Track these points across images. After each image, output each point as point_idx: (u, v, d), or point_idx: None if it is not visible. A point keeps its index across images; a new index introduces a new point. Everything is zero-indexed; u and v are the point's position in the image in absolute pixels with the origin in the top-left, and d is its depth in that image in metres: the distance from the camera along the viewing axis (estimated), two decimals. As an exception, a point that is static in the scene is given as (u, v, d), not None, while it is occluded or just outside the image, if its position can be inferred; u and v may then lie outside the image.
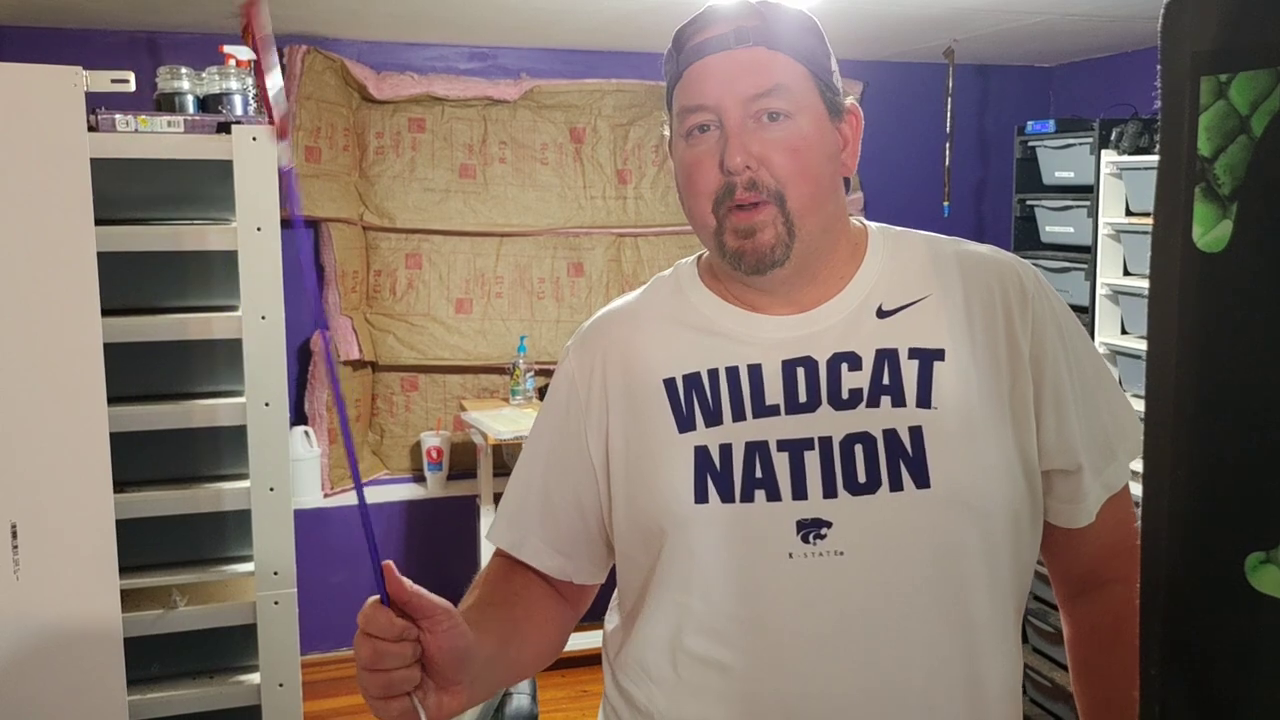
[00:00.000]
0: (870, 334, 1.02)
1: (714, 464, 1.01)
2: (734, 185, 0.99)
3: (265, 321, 2.14)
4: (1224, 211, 0.79)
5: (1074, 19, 3.23)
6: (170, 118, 2.12)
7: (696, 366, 1.04)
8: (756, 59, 1.00)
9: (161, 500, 2.17)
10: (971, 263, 1.06)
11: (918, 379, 1.00)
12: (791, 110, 1.00)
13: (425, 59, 3.74)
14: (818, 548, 0.97)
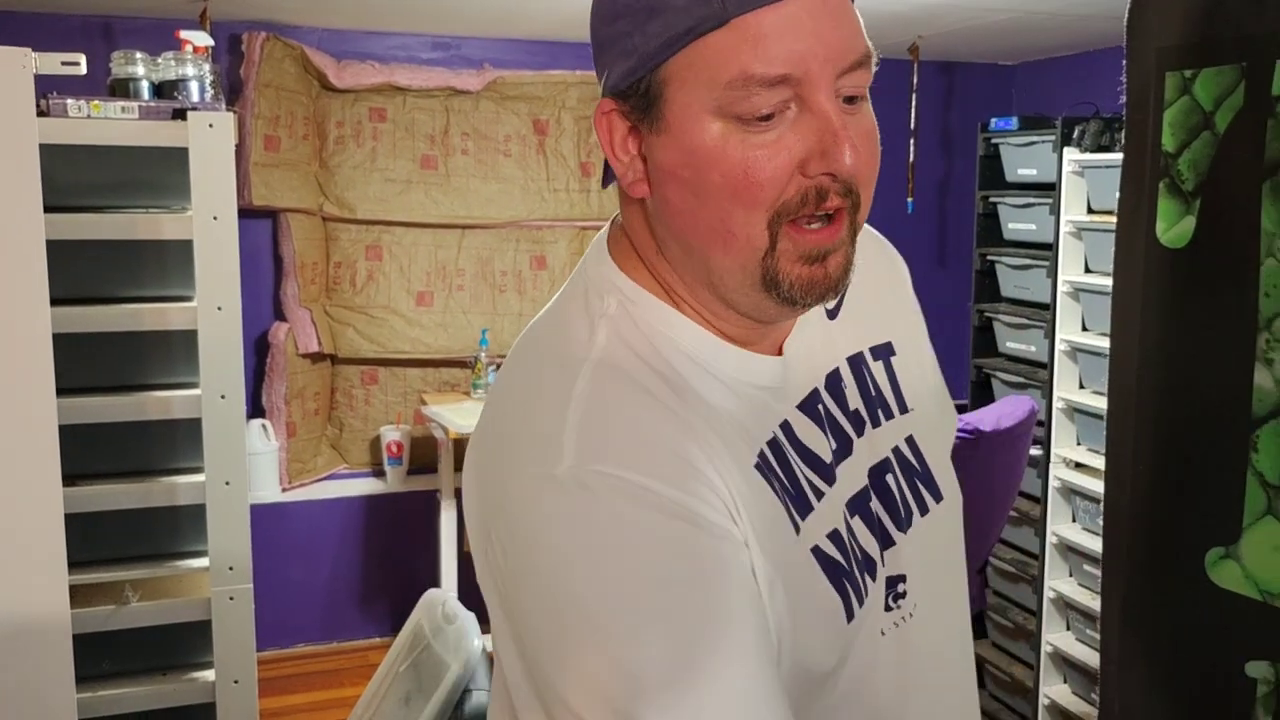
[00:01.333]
0: (834, 342, 0.87)
1: (834, 562, 0.79)
2: (826, 191, 0.73)
3: (221, 312, 2.10)
4: (1187, 207, 0.79)
5: (1039, 16, 3.25)
6: (125, 103, 2.08)
7: (760, 435, 0.78)
8: (846, 15, 0.73)
9: (114, 494, 2.13)
10: (867, 244, 0.86)
11: (888, 381, 0.89)
12: (865, 90, 0.76)
13: (387, 48, 3.69)
14: (897, 613, 0.83)
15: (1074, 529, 3.09)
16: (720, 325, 0.79)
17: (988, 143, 3.39)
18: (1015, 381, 3.33)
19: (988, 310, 3.45)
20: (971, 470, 2.65)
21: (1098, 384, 2.99)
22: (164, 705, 2.21)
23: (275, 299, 3.66)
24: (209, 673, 2.22)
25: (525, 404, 0.76)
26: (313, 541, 3.77)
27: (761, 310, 0.77)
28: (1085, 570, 3.04)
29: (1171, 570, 0.79)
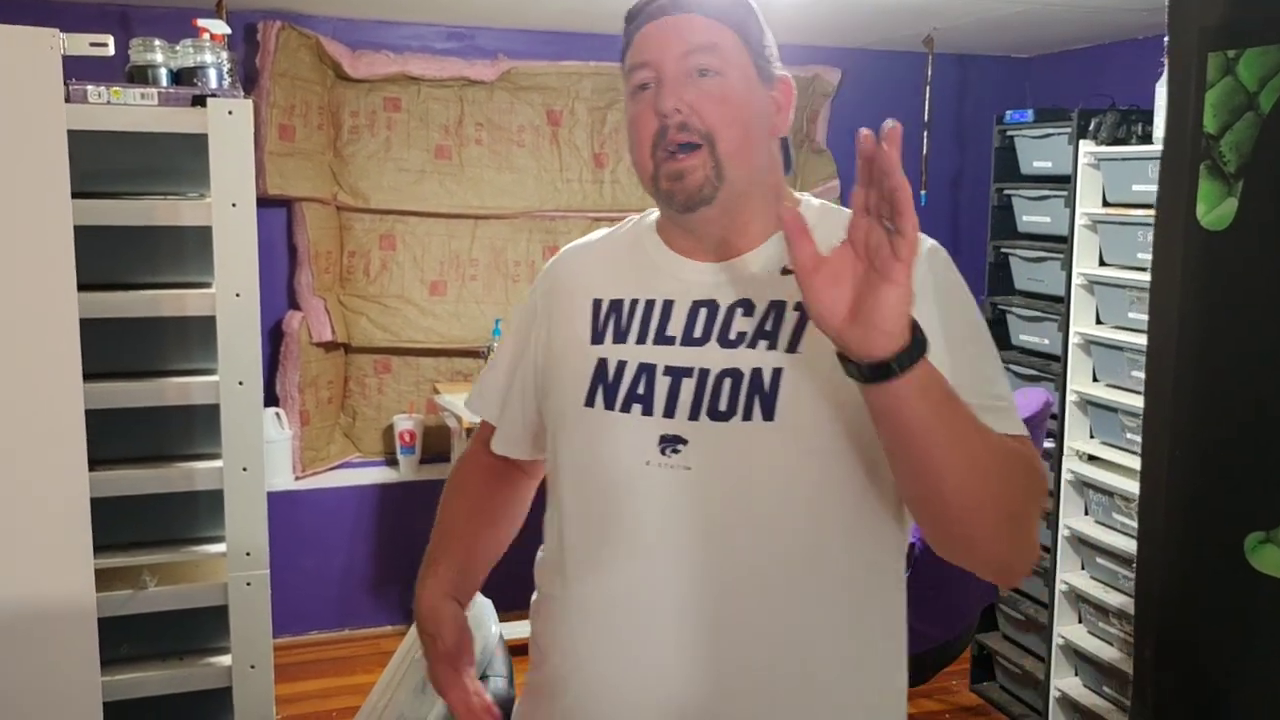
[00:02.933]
0: (770, 287, 1.14)
1: (608, 375, 1.16)
2: (667, 127, 1.11)
3: (240, 299, 2.11)
4: (1229, 189, 0.79)
5: (1054, 8, 3.24)
6: (144, 90, 2.08)
7: (622, 294, 1.20)
8: (691, 23, 1.14)
9: (132, 479, 2.13)
10: None
11: (794, 328, 1.11)
12: (721, 67, 1.13)
13: (401, 38, 3.69)
14: (671, 460, 1.11)
15: (1086, 522, 3.09)
16: (670, 235, 1.21)
17: (1003, 135, 3.38)
18: (1028, 374, 3.33)
19: (1001, 303, 3.44)
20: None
21: (1111, 377, 2.98)
22: (181, 689, 2.22)
23: (289, 288, 3.66)
24: (225, 658, 2.22)
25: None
26: (325, 529, 3.78)
27: (671, 216, 1.19)
28: (1098, 563, 3.04)
29: (1209, 554, 0.79)
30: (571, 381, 1.19)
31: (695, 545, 1.11)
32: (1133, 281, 2.84)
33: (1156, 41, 3.32)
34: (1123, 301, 2.91)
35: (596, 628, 1.15)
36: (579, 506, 1.18)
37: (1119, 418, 2.94)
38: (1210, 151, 0.74)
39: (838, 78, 4.08)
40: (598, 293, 1.22)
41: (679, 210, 1.15)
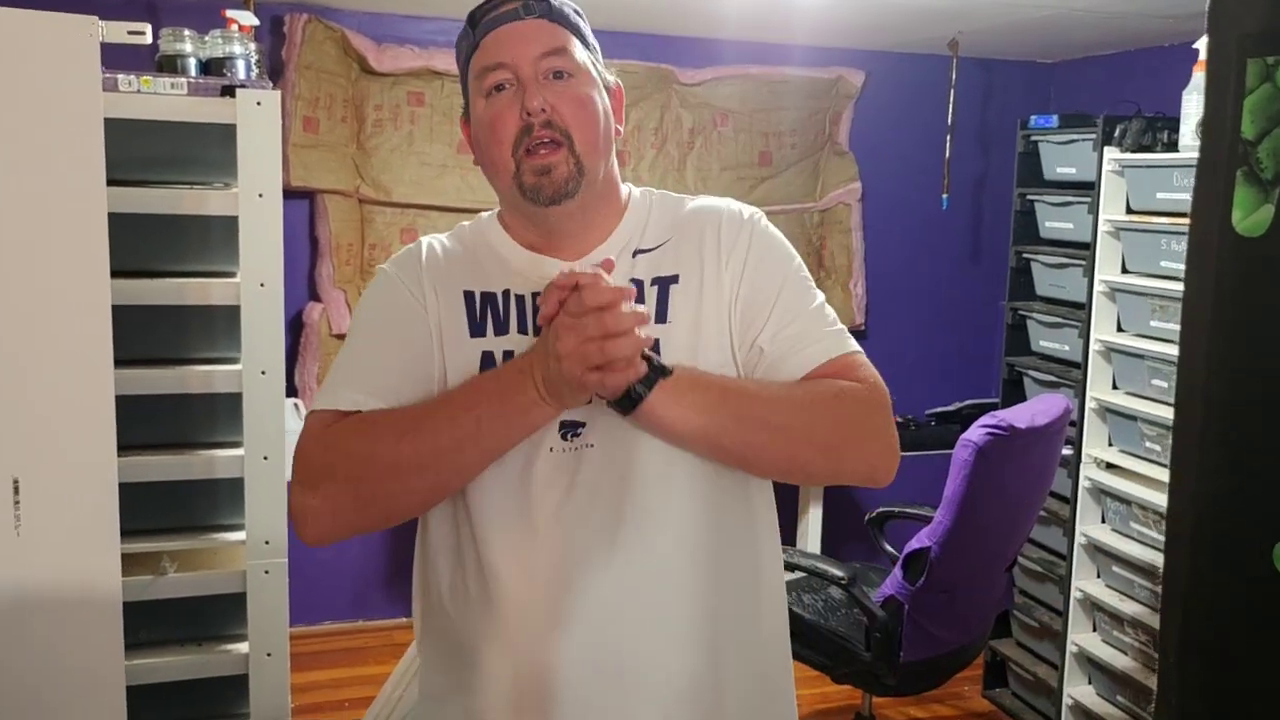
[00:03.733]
0: (627, 269, 1.23)
1: (494, 367, 1.20)
2: (532, 125, 1.17)
3: (264, 289, 2.12)
4: (1266, 196, 0.78)
5: (1080, 14, 3.23)
6: (174, 79, 2.09)
7: (492, 287, 1.24)
8: (542, 28, 1.21)
9: (155, 465, 2.15)
10: (702, 210, 1.29)
11: (658, 301, 1.22)
12: (573, 71, 1.22)
13: (426, 32, 3.71)
14: (573, 444, 1.18)
15: (1103, 530, 3.08)
16: (520, 235, 1.27)
17: (1027, 140, 3.37)
18: (1047, 380, 3.32)
19: (1022, 308, 3.43)
20: (1003, 467, 2.64)
21: (1131, 385, 2.97)
22: (198, 676, 2.23)
23: (310, 279, 3.68)
24: (242, 645, 2.24)
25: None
26: (341, 521, 3.79)
27: (529, 212, 1.23)
28: (1114, 571, 3.03)
29: (1237, 562, 0.79)
30: (457, 376, 1.21)
31: (607, 513, 1.17)
32: (1155, 289, 2.83)
33: (1182, 49, 3.31)
34: (1145, 309, 2.90)
35: (523, 612, 1.18)
36: (485, 498, 1.19)
37: (1138, 426, 2.93)
38: (1248, 158, 0.74)
39: (861, 80, 4.07)
40: (466, 284, 1.24)
41: (544, 204, 1.20)
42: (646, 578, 1.18)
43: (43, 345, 1.47)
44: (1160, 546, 2.86)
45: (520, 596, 1.18)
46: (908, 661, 2.65)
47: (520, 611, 1.18)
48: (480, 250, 1.29)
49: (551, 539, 1.17)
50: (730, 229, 1.26)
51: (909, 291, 4.26)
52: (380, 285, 1.29)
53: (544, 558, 1.18)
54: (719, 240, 1.25)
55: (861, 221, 4.17)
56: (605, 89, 1.26)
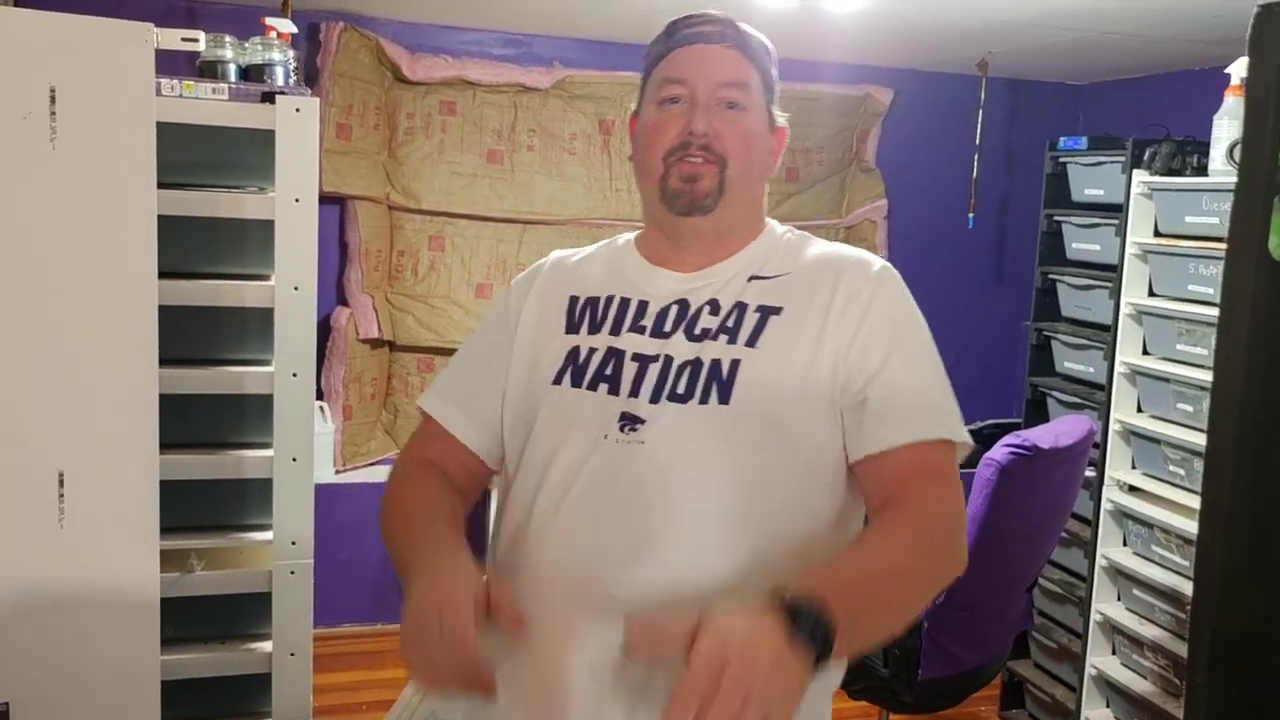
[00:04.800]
0: (737, 291, 1.26)
1: (579, 358, 1.25)
2: (690, 144, 1.24)
3: (298, 292, 2.15)
4: (1303, 223, 0.79)
5: (1111, 37, 3.23)
6: (215, 85, 2.13)
7: (598, 293, 1.30)
8: (732, 57, 1.27)
9: (186, 463, 2.18)
10: (830, 256, 1.30)
11: (754, 326, 1.23)
12: (747, 105, 1.26)
13: (460, 42, 3.74)
14: (628, 437, 1.19)
15: (1124, 553, 3.07)
16: (650, 250, 1.32)
17: (1055, 161, 3.38)
18: (1071, 401, 3.31)
19: (1047, 329, 3.43)
20: (1026, 487, 2.64)
21: (1156, 408, 2.97)
22: (222, 673, 2.26)
23: (339, 284, 3.72)
24: (266, 644, 2.26)
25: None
26: (364, 523, 3.82)
27: (664, 219, 1.29)
28: (1134, 595, 3.02)
29: (1267, 581, 0.80)
30: (543, 368, 1.27)
31: (650, 510, 1.17)
32: (1182, 313, 2.83)
33: (1213, 73, 3.31)
34: (1171, 333, 2.89)
35: (548, 594, 1.18)
36: (542, 479, 1.22)
37: (1162, 449, 2.92)
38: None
39: (890, 98, 4.09)
40: (575, 291, 1.32)
41: (680, 212, 1.26)
42: (667, 588, 1.16)
43: (92, 343, 1.50)
44: (1182, 571, 2.85)
45: (542, 586, 1.19)
46: (925, 679, 2.64)
47: (540, 601, 1.18)
48: (604, 262, 1.35)
49: (578, 532, 1.18)
50: (853, 279, 1.26)
51: (933, 310, 4.18)
52: (496, 299, 1.43)
53: (568, 550, 1.19)
54: (836, 288, 1.25)
55: (887, 239, 4.18)
56: (772, 129, 1.32)
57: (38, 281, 1.49)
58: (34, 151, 1.40)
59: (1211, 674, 0.85)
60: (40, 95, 1.37)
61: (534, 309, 1.33)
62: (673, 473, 1.18)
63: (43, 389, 1.50)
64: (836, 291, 1.25)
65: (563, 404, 1.24)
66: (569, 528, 1.19)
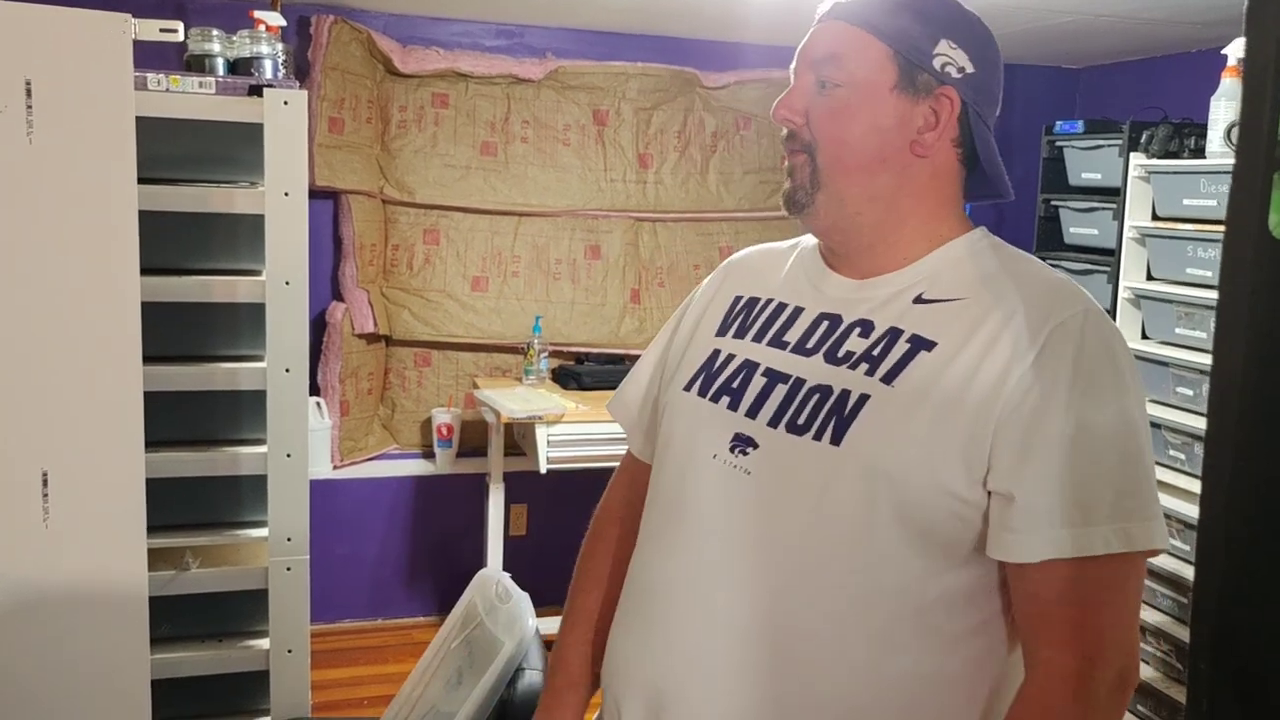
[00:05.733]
0: (896, 313, 1.10)
1: (714, 364, 1.18)
2: (785, 138, 1.15)
3: (289, 287, 2.13)
4: (1303, 200, 0.77)
5: (1106, 19, 3.21)
6: (202, 79, 2.11)
7: (760, 294, 1.22)
8: (832, 31, 1.12)
9: (179, 461, 2.17)
10: (1021, 283, 1.07)
11: (899, 359, 1.06)
12: (844, 81, 1.10)
13: (451, 34, 3.72)
14: (736, 460, 1.11)
15: (1126, 538, 3.06)
16: (825, 248, 1.19)
17: (1051, 145, 3.36)
18: (1071, 387, 3.30)
19: (1045, 315, 3.41)
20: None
21: (1156, 393, 2.95)
22: (219, 671, 2.25)
23: (334, 279, 3.70)
24: (263, 641, 2.25)
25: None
26: (361, 519, 3.81)
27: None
28: (1136, 580, 3.01)
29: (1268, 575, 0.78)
30: (685, 368, 1.21)
31: (738, 549, 1.09)
32: (1181, 296, 2.81)
33: (1210, 55, 3.28)
34: (1170, 316, 2.88)
35: (633, 607, 1.18)
36: (656, 488, 1.19)
37: (1162, 434, 2.91)
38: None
39: (885, 84, 4.06)
40: (742, 290, 1.24)
41: (787, 210, 1.17)
42: (734, 631, 1.08)
43: (73, 340, 1.48)
44: (1183, 556, 2.84)
45: (633, 603, 1.18)
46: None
47: (627, 619, 1.18)
48: (788, 259, 1.25)
49: (680, 551, 1.13)
50: (1031, 319, 1.02)
51: (931, 297, 4.24)
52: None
53: (665, 568, 1.14)
54: (1006, 327, 1.03)
55: (884, 226, 4.15)
56: (920, 97, 1.09)
57: (16, 278, 1.47)
58: (10, 146, 1.38)
59: (1213, 659, 0.83)
60: (16, 89, 1.35)
61: (704, 302, 1.28)
62: (772, 515, 1.08)
63: (24, 387, 1.48)
64: (1005, 331, 1.02)
65: (685, 412, 1.18)
66: (670, 547, 1.15)
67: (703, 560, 1.11)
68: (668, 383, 1.25)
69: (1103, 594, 1.00)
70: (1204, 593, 0.86)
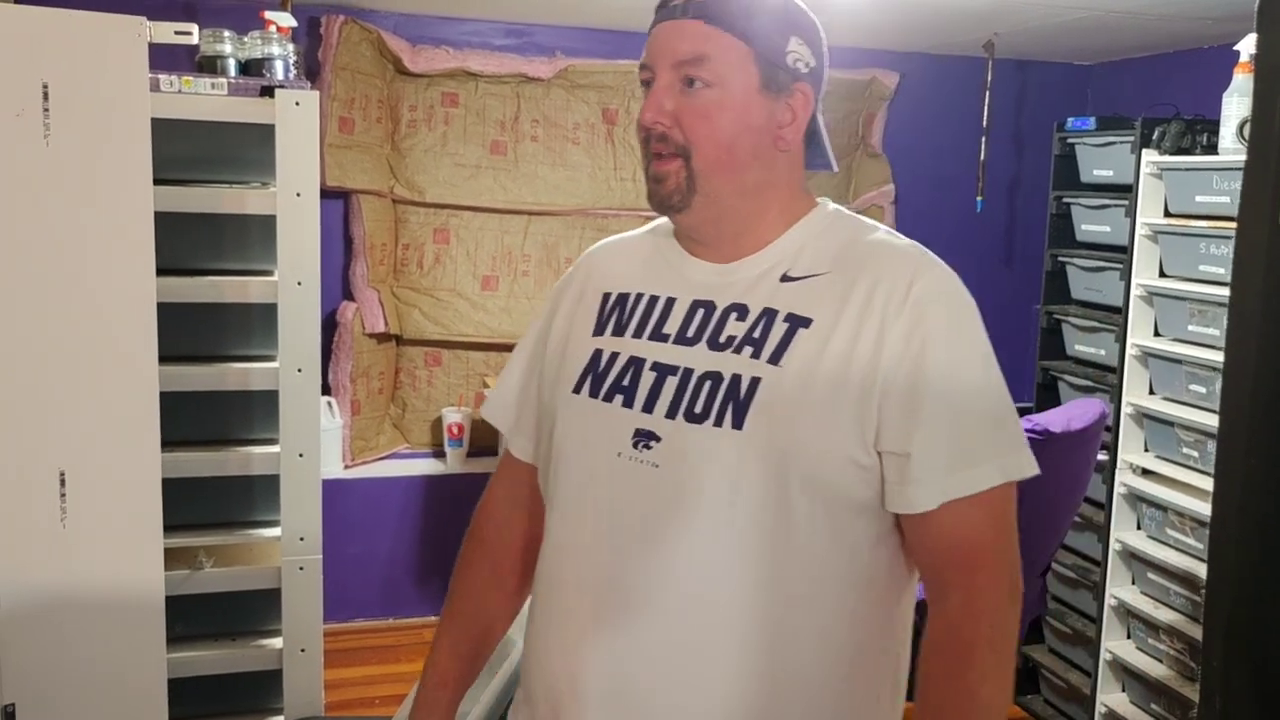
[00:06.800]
0: (766, 294, 1.15)
1: (600, 365, 1.19)
2: (649, 136, 1.14)
3: (301, 287, 2.14)
4: (1315, 196, 0.77)
5: (1118, 16, 3.20)
6: (214, 80, 2.12)
7: (629, 288, 1.22)
8: (692, 30, 1.13)
9: (193, 461, 2.18)
10: (879, 250, 1.17)
11: (780, 339, 1.11)
12: (712, 80, 1.12)
13: (461, 34, 3.73)
14: (641, 455, 1.13)
15: (1139, 536, 3.05)
16: (682, 235, 1.21)
17: (1063, 142, 3.35)
18: (1083, 385, 3.29)
19: (1057, 312, 3.40)
20: (1040, 471, 2.62)
21: (1168, 390, 2.94)
22: (232, 670, 2.26)
23: (344, 278, 3.71)
24: (276, 640, 2.26)
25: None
26: (373, 518, 3.82)
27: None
28: (1149, 579, 3.00)
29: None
30: (568, 371, 1.21)
31: (657, 539, 1.11)
32: (1194, 294, 2.80)
33: (1222, 51, 3.27)
34: (1182, 314, 2.86)
35: (554, 606, 1.18)
36: (559, 491, 1.19)
37: (1175, 431, 2.90)
38: (1297, 157, 0.73)
39: (895, 81, 4.05)
40: (609, 286, 1.24)
41: (656, 210, 1.19)
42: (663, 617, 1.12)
43: (90, 341, 1.49)
44: (1197, 554, 2.83)
45: (556, 608, 1.17)
46: (939, 666, 2.63)
47: (551, 623, 1.18)
48: (643, 249, 1.26)
49: (589, 553, 1.15)
50: (894, 287, 1.11)
51: (942, 294, 4.23)
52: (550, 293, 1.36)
53: (579, 568, 1.16)
54: (873, 296, 1.11)
55: (894, 224, 4.15)
56: (780, 94, 1.15)
57: (34, 280, 1.49)
58: (28, 149, 1.39)
59: (1225, 655, 0.83)
60: (33, 92, 1.36)
61: (570, 303, 1.27)
62: (685, 500, 1.10)
63: (42, 388, 1.49)
64: (873, 300, 1.11)
65: (580, 414, 1.18)
66: (581, 546, 1.16)
67: (622, 554, 1.13)
68: (550, 386, 1.24)
69: (991, 522, 1.12)
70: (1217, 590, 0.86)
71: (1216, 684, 0.83)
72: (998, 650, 1.11)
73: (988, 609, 1.11)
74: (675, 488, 1.11)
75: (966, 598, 1.11)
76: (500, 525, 1.35)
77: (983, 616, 1.11)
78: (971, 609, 1.11)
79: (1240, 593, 0.81)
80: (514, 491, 1.34)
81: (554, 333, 1.27)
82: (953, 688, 1.11)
